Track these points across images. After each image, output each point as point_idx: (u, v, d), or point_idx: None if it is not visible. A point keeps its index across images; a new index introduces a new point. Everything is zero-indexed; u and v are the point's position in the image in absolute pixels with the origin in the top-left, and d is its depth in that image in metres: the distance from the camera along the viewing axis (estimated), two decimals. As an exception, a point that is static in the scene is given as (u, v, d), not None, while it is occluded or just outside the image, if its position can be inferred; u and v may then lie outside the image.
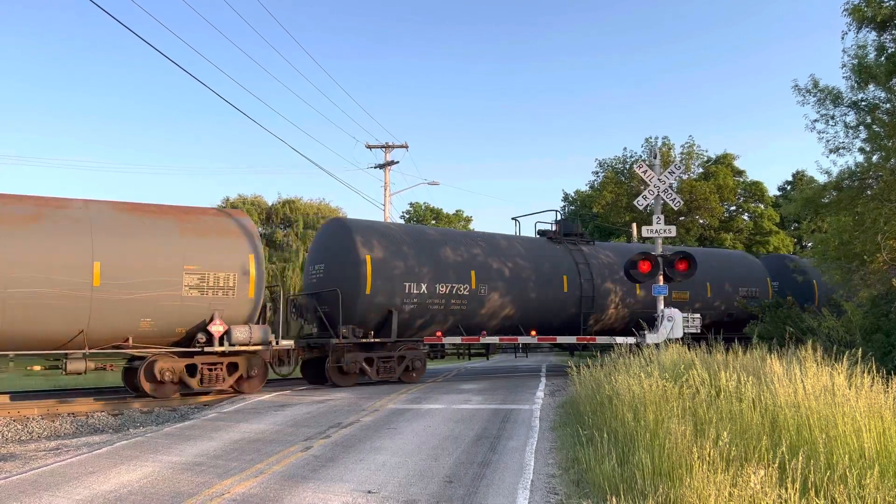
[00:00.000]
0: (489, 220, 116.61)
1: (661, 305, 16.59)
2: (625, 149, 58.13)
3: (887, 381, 7.85)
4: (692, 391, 8.63)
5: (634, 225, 35.79)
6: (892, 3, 14.71)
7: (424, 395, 14.18)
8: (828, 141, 16.29)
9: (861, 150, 16.09)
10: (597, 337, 19.98)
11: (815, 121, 16.30)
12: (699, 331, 17.02)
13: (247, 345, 15.17)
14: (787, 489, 5.12)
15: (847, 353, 9.29)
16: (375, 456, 8.32)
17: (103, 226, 14.14)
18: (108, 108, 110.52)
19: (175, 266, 14.49)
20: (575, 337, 19.91)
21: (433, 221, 52.76)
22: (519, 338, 19.08)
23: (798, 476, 5.29)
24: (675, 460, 6.24)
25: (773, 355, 9.92)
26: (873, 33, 15.10)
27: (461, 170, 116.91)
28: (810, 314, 18.72)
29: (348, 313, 16.48)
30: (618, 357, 12.16)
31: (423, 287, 17.29)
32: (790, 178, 49.83)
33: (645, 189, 17.03)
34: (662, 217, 16.77)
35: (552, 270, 20.02)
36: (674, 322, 16.37)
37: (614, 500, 5.57)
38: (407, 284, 17.07)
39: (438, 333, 17.77)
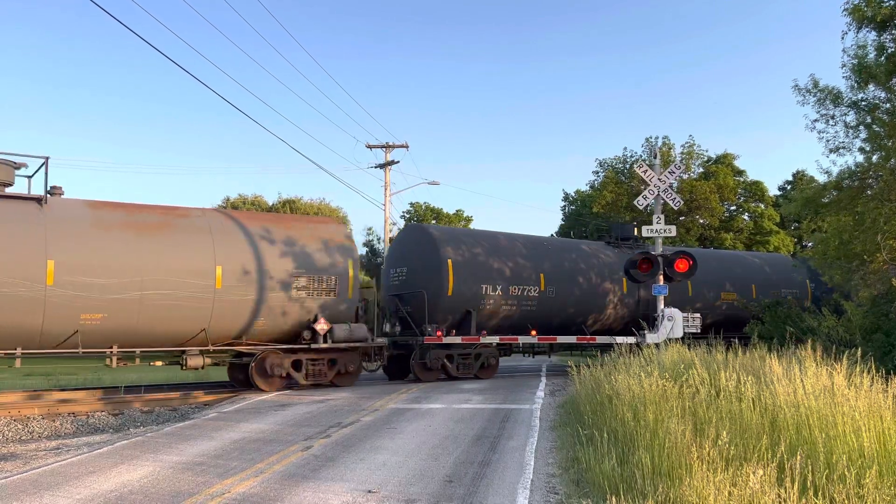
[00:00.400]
0: (489, 220, 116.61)
1: (661, 305, 16.59)
2: (625, 148, 58.07)
3: (887, 380, 7.85)
4: (692, 391, 8.64)
5: (635, 225, 35.81)
6: (891, 2, 14.70)
7: (425, 395, 14.19)
8: (828, 141, 16.29)
9: (861, 149, 16.08)
10: (597, 337, 20.28)
11: (816, 120, 16.29)
12: (699, 330, 17.03)
13: (348, 342, 16.37)
14: (786, 489, 5.13)
15: (847, 352, 9.29)
16: (376, 455, 8.34)
17: (222, 233, 15.46)
18: (109, 108, 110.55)
19: (285, 270, 15.84)
20: (575, 337, 20.17)
21: (433, 221, 52.73)
22: (519, 338, 19.23)
23: (797, 476, 5.30)
24: (675, 460, 6.25)
25: (772, 355, 9.92)
26: (873, 33, 15.08)
27: (461, 169, 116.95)
28: (811, 313, 18.75)
29: (432, 313, 17.62)
30: (618, 357, 12.17)
31: (499, 289, 18.60)
32: (790, 178, 49.81)
33: (645, 189, 17.02)
34: (663, 217, 16.77)
35: (612, 273, 21.06)
36: (674, 322, 16.36)
37: (614, 499, 5.58)
38: (483, 286, 18.37)
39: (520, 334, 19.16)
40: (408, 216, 54.13)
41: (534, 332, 19.42)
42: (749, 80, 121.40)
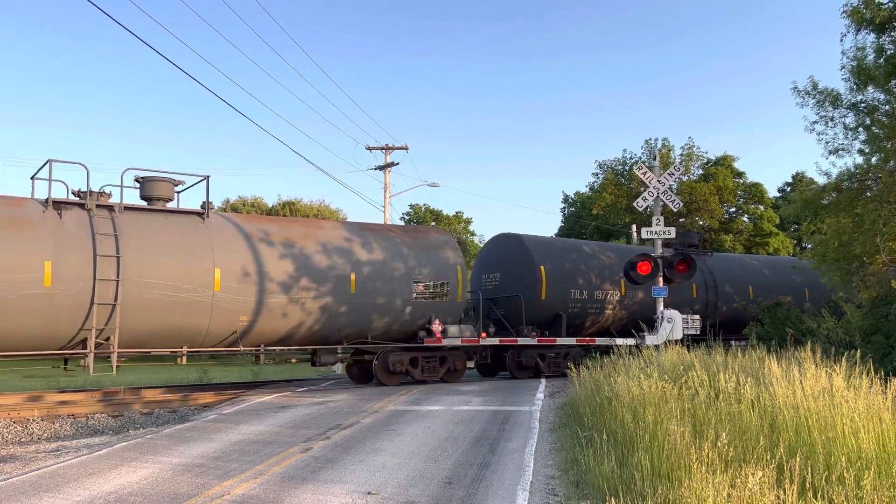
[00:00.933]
0: (489, 222, 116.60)
1: (660, 307, 16.58)
2: (624, 150, 58.08)
3: (886, 382, 7.85)
4: (691, 392, 8.64)
5: (634, 226, 35.83)
6: (890, 5, 14.71)
7: (425, 397, 14.18)
8: (827, 142, 16.28)
9: (860, 151, 16.08)
10: (596, 339, 20.41)
11: (815, 122, 16.28)
12: (698, 332, 17.02)
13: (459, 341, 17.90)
14: (785, 490, 5.13)
15: (846, 354, 9.29)
16: (375, 457, 8.34)
17: (356, 243, 17.21)
18: (109, 108, 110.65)
19: (406, 276, 17.49)
20: (575, 338, 20.30)
21: (433, 223, 52.71)
22: (519, 339, 19.30)
23: (796, 477, 5.31)
24: (674, 461, 6.25)
25: (772, 356, 9.92)
26: (872, 35, 15.08)
27: (460, 171, 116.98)
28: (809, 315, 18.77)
29: (527, 316, 19.12)
30: (617, 358, 12.18)
31: (585, 293, 20.04)
32: (790, 180, 49.84)
33: (645, 191, 17.02)
34: (662, 218, 16.75)
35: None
36: (673, 323, 16.35)
37: (613, 501, 5.58)
38: (571, 291, 19.90)
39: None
40: (407, 218, 54.11)
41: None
42: (749, 81, 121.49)
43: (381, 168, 33.56)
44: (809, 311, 21.62)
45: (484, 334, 18.50)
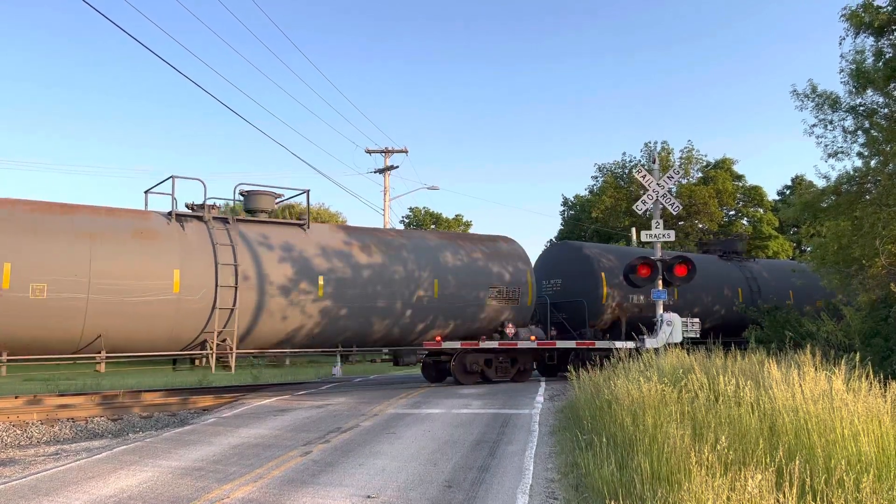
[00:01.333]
0: (489, 225, 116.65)
1: (660, 310, 16.58)
2: (624, 153, 58.22)
3: (885, 385, 7.86)
4: (691, 395, 8.64)
5: (634, 229, 35.84)
6: (889, 8, 14.75)
7: (424, 400, 14.17)
8: (826, 145, 16.31)
9: (859, 154, 16.11)
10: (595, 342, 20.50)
11: (814, 125, 16.32)
12: (698, 335, 17.01)
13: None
14: (784, 494, 5.13)
15: (845, 357, 9.29)
16: (375, 461, 8.33)
17: (437, 251, 18.64)
18: (110, 109, 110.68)
19: (482, 283, 18.85)
20: (575, 342, 20.35)
21: (432, 226, 52.71)
22: (519, 342, 19.32)
23: (796, 480, 5.30)
24: (674, 465, 6.24)
25: (771, 359, 9.92)
26: (871, 39, 15.12)
27: (460, 174, 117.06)
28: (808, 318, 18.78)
29: (590, 319, 20.16)
30: (616, 361, 12.18)
31: (642, 297, 20.53)
32: (789, 183, 49.88)
33: (644, 194, 17.04)
34: (661, 221, 16.77)
35: (730, 283, 23.87)
36: (673, 326, 16.35)
37: (613, 504, 5.58)
38: (630, 296, 20.69)
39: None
40: (407, 221, 54.12)
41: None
42: (748, 84, 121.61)
43: (381, 171, 33.63)
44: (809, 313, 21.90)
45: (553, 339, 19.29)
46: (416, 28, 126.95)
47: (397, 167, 34.77)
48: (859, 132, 15.69)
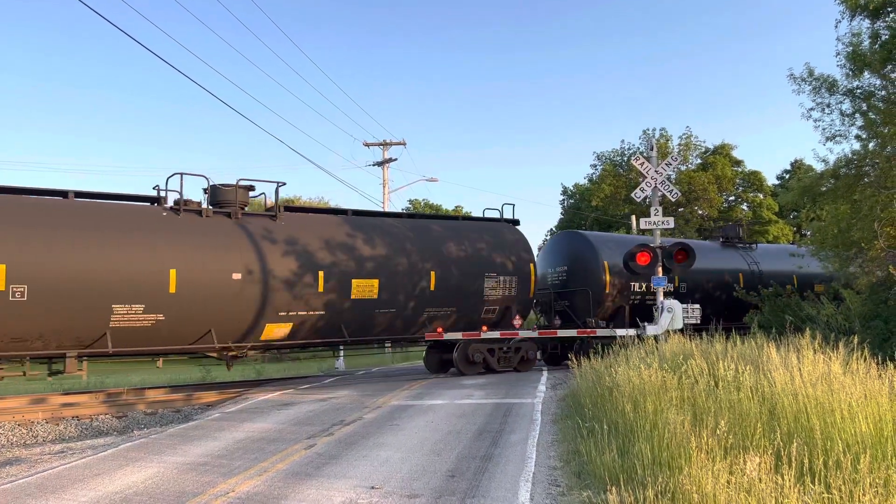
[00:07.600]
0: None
1: (660, 297, 16.63)
2: (622, 141, 58.12)
3: (883, 366, 7.90)
4: (691, 381, 8.68)
5: (634, 217, 35.84)
6: (884, -10, 14.69)
7: (427, 391, 14.23)
8: (824, 129, 16.26)
9: (857, 137, 16.07)
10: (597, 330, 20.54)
11: (811, 109, 16.27)
12: (699, 321, 17.05)
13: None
14: (783, 476, 5.18)
15: (845, 339, 9.33)
16: (378, 452, 8.39)
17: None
18: (109, 109, 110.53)
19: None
20: (577, 330, 20.45)
21: (433, 218, 52.65)
22: (520, 331, 19.43)
23: (794, 462, 5.35)
24: (674, 450, 6.30)
25: (771, 343, 9.96)
26: (867, 21, 15.07)
27: (458, 164, 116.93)
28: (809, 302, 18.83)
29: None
30: (618, 349, 12.22)
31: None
32: (788, 168, 49.84)
33: (643, 181, 17.05)
34: (661, 208, 16.79)
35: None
36: (674, 313, 16.39)
37: (614, 490, 5.63)
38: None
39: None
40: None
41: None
42: (746, 69, 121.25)
43: (380, 164, 33.62)
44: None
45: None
46: (410, 18, 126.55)
47: (396, 160, 34.81)
48: (857, 115, 15.65)
